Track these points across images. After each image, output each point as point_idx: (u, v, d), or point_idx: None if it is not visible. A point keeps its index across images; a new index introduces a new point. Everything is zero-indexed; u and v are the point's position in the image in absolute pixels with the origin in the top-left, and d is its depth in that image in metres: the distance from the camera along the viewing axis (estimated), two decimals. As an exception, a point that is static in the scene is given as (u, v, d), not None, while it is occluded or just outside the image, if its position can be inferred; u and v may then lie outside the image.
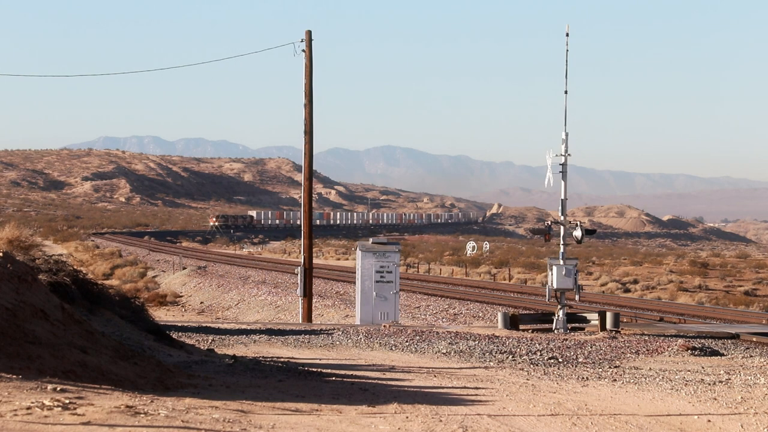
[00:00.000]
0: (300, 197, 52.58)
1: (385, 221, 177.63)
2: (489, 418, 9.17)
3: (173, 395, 8.48)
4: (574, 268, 22.24)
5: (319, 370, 13.05)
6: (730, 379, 13.67)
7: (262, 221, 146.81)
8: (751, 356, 17.40)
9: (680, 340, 19.32)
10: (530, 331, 22.05)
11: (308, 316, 28.31)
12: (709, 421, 10.03)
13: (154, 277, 54.32)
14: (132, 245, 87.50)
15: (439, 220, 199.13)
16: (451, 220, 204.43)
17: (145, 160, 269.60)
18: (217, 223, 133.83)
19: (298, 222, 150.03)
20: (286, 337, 19.84)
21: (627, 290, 49.66)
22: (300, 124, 28.82)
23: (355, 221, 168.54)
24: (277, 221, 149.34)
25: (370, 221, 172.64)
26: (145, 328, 15.80)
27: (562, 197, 22.56)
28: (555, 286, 22.16)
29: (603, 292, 47.25)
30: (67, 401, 7.04)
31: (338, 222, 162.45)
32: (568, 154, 22.24)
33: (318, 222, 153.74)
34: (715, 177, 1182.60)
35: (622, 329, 21.91)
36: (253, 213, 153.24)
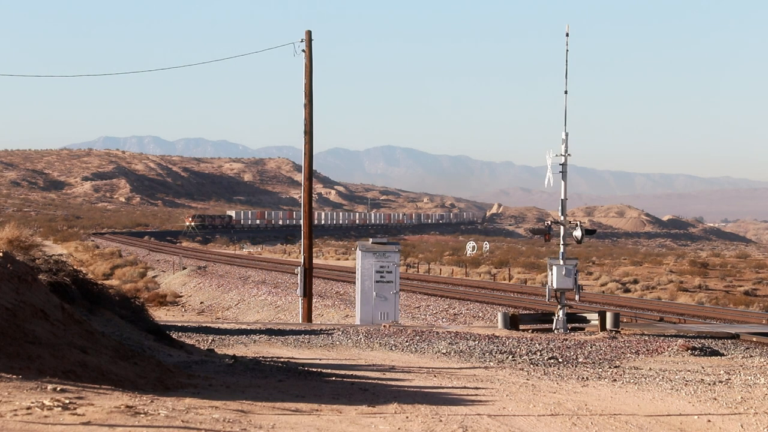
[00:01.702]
0: (300, 197, 52.60)
1: (372, 221, 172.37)
2: (489, 418, 9.17)
3: (173, 395, 8.48)
4: (574, 268, 22.24)
5: (319, 370, 13.05)
6: (730, 379, 13.66)
7: (242, 221, 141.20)
8: (751, 356, 17.40)
9: (680, 340, 19.32)
10: (530, 331, 22.05)
11: (308, 316, 28.31)
12: (709, 421, 10.03)
13: (154, 277, 54.33)
14: (132, 245, 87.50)
15: (429, 221, 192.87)
16: (442, 221, 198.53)
17: (145, 160, 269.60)
18: (193, 223, 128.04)
19: (281, 222, 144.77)
20: (286, 337, 19.84)
21: (627, 290, 49.66)
22: (300, 124, 28.83)
23: (341, 221, 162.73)
24: (258, 221, 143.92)
25: (357, 221, 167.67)
26: (145, 328, 15.80)
27: (562, 197, 22.56)
28: (555, 286, 22.16)
29: (603, 292, 47.25)
30: (67, 401, 7.04)
31: (323, 222, 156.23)
32: (568, 154, 22.24)
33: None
34: (715, 177, 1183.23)
35: (622, 329, 21.91)
36: (232, 212, 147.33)
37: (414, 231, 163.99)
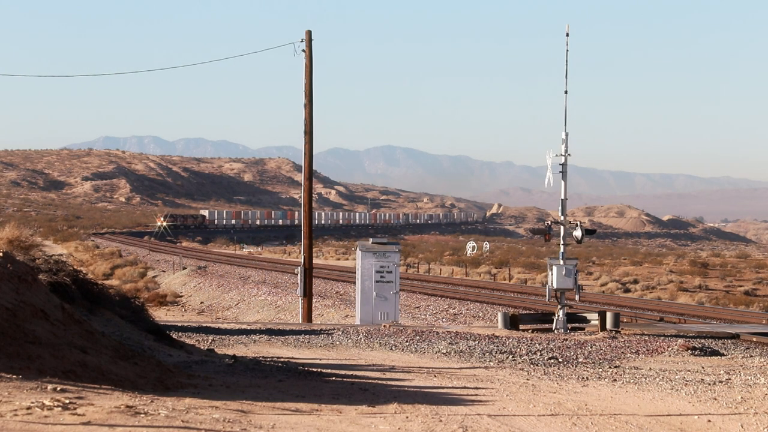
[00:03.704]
0: (300, 197, 52.60)
1: (357, 221, 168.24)
2: (489, 418, 9.17)
3: (173, 395, 8.48)
4: (574, 268, 22.23)
5: (319, 370, 13.05)
6: (730, 379, 13.66)
7: (216, 221, 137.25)
8: (751, 356, 17.40)
9: (680, 340, 19.32)
10: (530, 331, 22.05)
11: (308, 316, 28.31)
12: (709, 421, 10.02)
13: (154, 277, 54.32)
14: (132, 245, 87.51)
15: (418, 221, 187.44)
16: (432, 221, 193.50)
17: (145, 160, 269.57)
18: (164, 223, 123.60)
19: (258, 222, 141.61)
20: (286, 337, 19.84)
21: (627, 290, 49.66)
22: (300, 124, 28.82)
23: (323, 222, 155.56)
24: (233, 221, 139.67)
25: (341, 221, 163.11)
26: (145, 328, 15.80)
27: (562, 197, 22.55)
28: (555, 286, 22.15)
29: (603, 292, 47.25)
30: (67, 401, 7.03)
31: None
32: (568, 154, 22.23)
33: (281, 222, 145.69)
34: (715, 177, 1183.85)
35: (622, 329, 21.91)
36: (205, 212, 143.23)
37: (402, 231, 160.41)
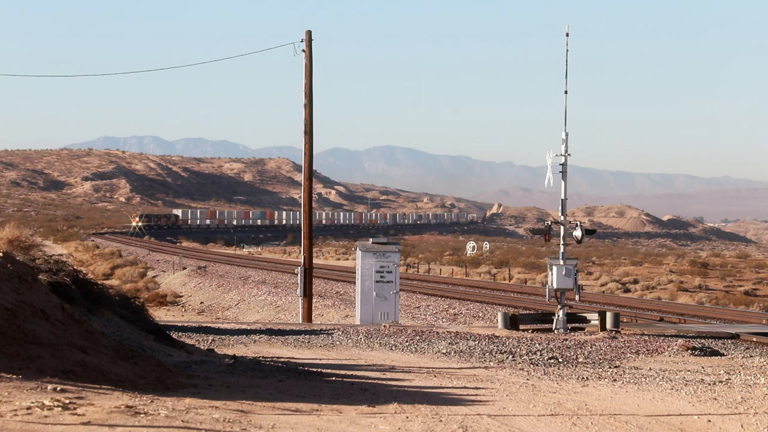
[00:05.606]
0: (300, 197, 52.57)
1: (341, 221, 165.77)
2: (489, 418, 9.17)
3: (173, 395, 8.48)
4: (574, 268, 22.23)
5: (319, 370, 13.05)
6: (730, 379, 13.67)
7: (190, 221, 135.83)
8: (751, 356, 17.40)
9: (680, 340, 19.33)
10: (530, 331, 22.05)
11: (308, 316, 28.31)
12: (709, 421, 10.03)
13: (154, 277, 54.31)
14: (132, 245, 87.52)
15: (406, 221, 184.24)
16: (420, 221, 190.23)
17: (145, 160, 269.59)
18: (140, 223, 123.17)
19: (234, 222, 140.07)
20: (286, 337, 19.84)
21: (627, 290, 49.65)
22: (300, 124, 28.81)
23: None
24: (208, 221, 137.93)
25: (324, 221, 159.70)
26: (145, 328, 15.80)
27: (562, 197, 22.55)
28: (555, 286, 22.16)
29: (603, 292, 47.24)
30: (67, 401, 7.04)
31: (284, 223, 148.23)
32: (568, 154, 22.24)
33: (259, 222, 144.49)
34: (715, 177, 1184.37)
35: (622, 329, 21.91)
36: (179, 212, 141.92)
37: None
